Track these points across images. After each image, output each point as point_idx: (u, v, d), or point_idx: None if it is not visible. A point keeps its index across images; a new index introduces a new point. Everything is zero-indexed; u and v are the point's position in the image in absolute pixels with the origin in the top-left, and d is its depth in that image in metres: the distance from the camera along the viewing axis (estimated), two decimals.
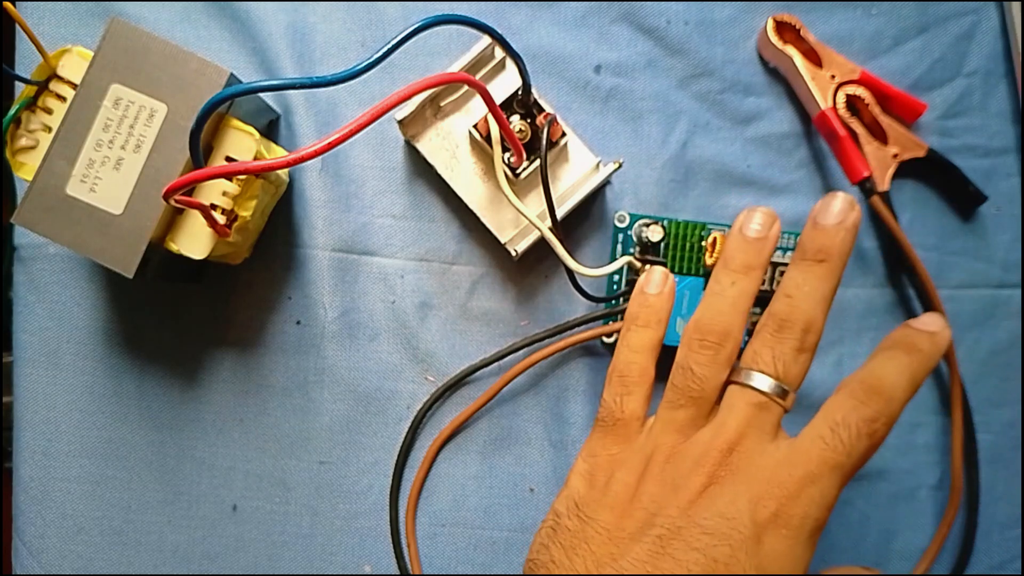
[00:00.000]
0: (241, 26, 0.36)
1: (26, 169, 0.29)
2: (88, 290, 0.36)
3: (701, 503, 0.25)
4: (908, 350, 0.26)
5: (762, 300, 0.35)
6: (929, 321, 0.27)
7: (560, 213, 0.32)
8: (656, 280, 0.30)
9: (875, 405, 0.25)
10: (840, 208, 0.27)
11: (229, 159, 0.30)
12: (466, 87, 0.34)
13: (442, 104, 0.34)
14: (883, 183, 0.35)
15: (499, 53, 0.34)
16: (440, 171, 0.34)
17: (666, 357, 0.36)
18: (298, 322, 0.36)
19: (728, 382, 0.27)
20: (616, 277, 0.36)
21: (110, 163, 0.29)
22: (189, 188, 0.26)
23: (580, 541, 0.26)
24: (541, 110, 0.32)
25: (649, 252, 0.34)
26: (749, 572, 0.24)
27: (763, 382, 0.26)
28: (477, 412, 0.35)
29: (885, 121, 0.35)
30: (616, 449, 0.28)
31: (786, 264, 0.35)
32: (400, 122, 0.33)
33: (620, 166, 0.33)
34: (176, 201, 0.26)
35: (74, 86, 0.29)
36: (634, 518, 0.26)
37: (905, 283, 0.36)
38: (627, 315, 0.30)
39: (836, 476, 0.24)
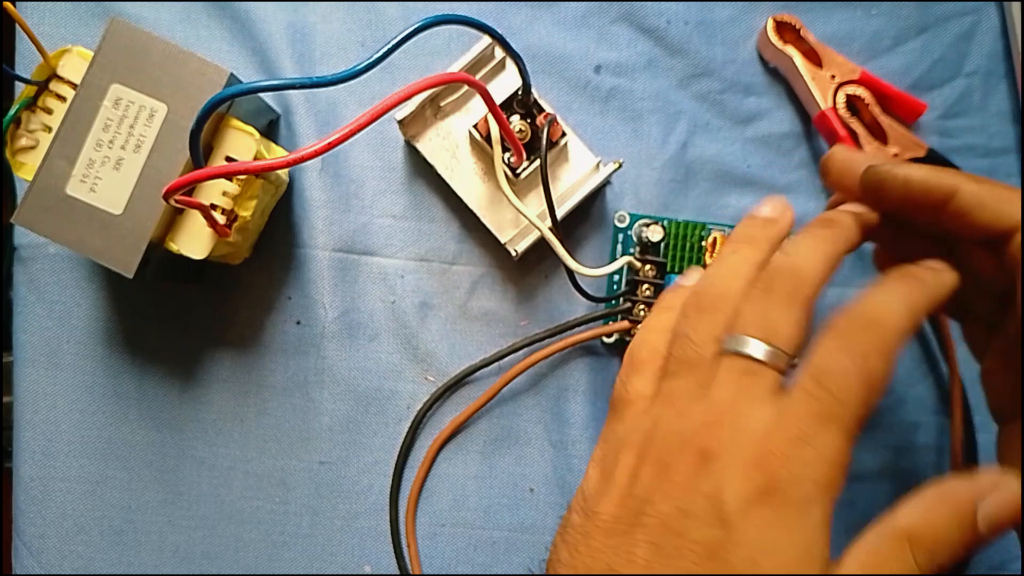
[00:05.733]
0: (241, 26, 0.36)
1: (26, 169, 0.29)
2: (88, 290, 0.36)
3: (687, 485, 0.23)
4: (903, 277, 0.24)
5: None
6: (934, 263, 0.25)
7: (560, 213, 0.32)
8: (692, 276, 0.29)
9: (863, 338, 0.23)
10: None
11: (229, 159, 0.30)
12: (466, 87, 0.34)
13: (442, 104, 0.34)
14: None
15: (499, 53, 0.34)
16: (440, 171, 0.34)
17: None
18: (298, 322, 0.36)
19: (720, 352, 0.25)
20: (616, 277, 0.36)
21: (110, 163, 0.29)
22: (189, 188, 0.26)
23: (581, 537, 0.25)
24: (541, 110, 0.32)
25: (649, 252, 0.34)
26: (736, 549, 0.22)
27: (748, 345, 0.24)
28: (477, 412, 0.35)
29: (885, 121, 0.35)
30: (622, 430, 0.26)
31: None
32: (400, 122, 0.33)
33: (620, 166, 0.33)
34: (176, 201, 0.26)
35: (74, 86, 0.29)
36: (628, 508, 0.24)
37: None
38: (655, 305, 0.29)
39: (833, 429, 0.22)
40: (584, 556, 0.24)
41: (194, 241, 0.30)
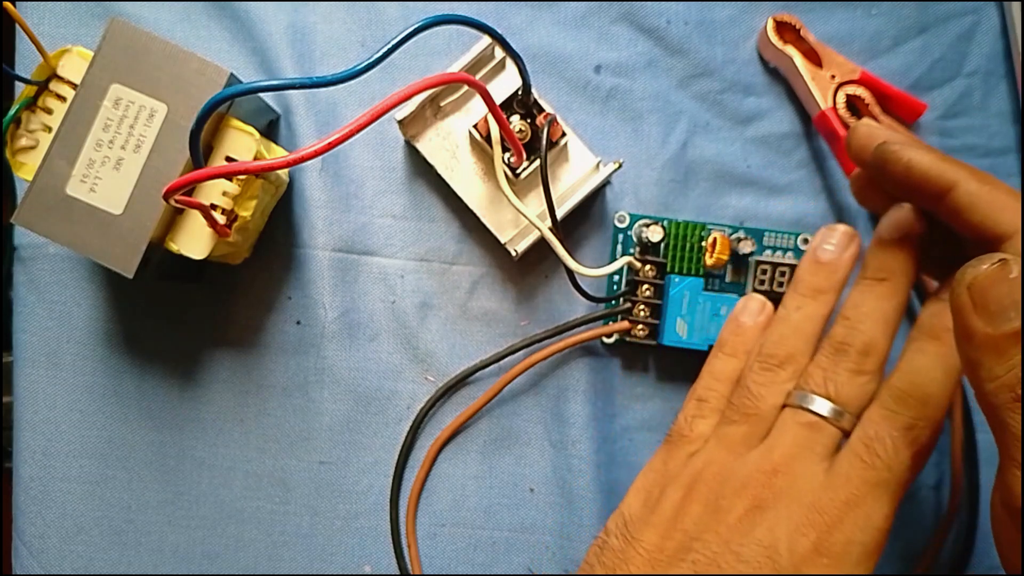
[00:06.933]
0: (241, 26, 0.36)
1: (26, 169, 0.29)
2: (88, 290, 0.36)
3: (740, 529, 0.24)
4: (934, 335, 0.24)
5: None
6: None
7: (560, 213, 0.32)
8: (753, 309, 0.30)
9: (909, 411, 0.24)
10: (904, 220, 0.26)
11: (229, 159, 0.30)
12: (466, 87, 0.34)
13: (442, 104, 0.34)
14: None
15: (499, 53, 0.34)
16: (440, 171, 0.34)
17: (669, 358, 0.36)
18: (298, 322, 0.36)
19: (783, 406, 0.26)
20: (616, 277, 0.36)
21: (110, 163, 0.29)
22: (189, 188, 0.26)
23: (621, 562, 0.26)
24: (541, 110, 0.32)
25: (649, 252, 0.34)
26: None
27: (814, 402, 0.25)
28: (477, 412, 0.35)
29: (885, 121, 0.35)
30: (673, 464, 0.28)
31: (790, 265, 0.34)
32: (400, 122, 0.33)
33: (620, 166, 0.33)
34: (176, 201, 0.26)
35: (74, 86, 0.29)
36: (674, 540, 0.25)
37: None
38: (718, 339, 0.30)
39: (881, 495, 0.23)
40: None
41: (194, 241, 0.30)
